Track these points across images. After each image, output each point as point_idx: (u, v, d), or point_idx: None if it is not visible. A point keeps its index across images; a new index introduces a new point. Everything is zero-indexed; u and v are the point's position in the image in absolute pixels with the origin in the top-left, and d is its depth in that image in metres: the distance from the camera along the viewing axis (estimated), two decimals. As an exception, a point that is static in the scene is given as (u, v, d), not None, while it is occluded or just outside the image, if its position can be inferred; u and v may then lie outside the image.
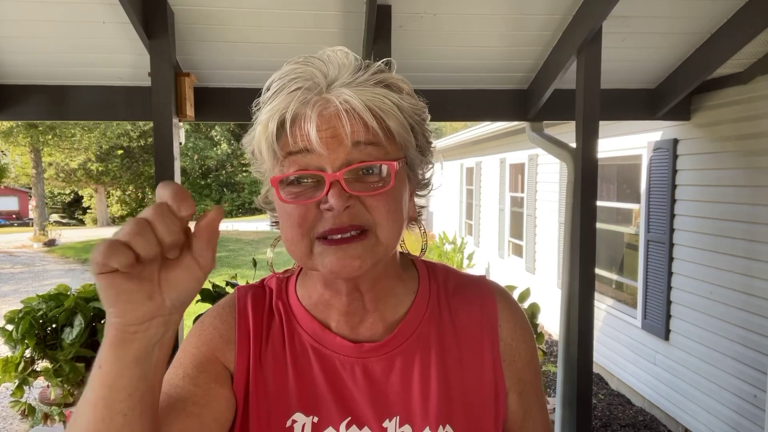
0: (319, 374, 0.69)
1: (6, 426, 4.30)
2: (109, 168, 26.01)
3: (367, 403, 0.68)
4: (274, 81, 0.65)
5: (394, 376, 0.70)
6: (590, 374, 3.04)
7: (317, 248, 0.62)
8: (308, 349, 0.71)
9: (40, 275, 11.46)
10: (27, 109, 3.28)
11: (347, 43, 3.01)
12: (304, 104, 0.61)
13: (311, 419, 0.68)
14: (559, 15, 2.87)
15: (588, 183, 2.93)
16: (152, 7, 2.68)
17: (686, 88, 3.35)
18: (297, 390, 0.69)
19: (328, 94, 0.62)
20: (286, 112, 0.61)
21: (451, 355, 0.72)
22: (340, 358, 0.70)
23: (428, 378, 0.70)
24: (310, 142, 0.60)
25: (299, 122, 0.61)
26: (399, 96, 0.65)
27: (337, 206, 0.59)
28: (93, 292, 2.68)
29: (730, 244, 3.51)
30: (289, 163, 0.63)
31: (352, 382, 0.69)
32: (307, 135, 0.60)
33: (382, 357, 0.70)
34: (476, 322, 0.74)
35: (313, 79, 0.63)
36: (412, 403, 0.69)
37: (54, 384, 2.50)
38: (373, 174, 0.63)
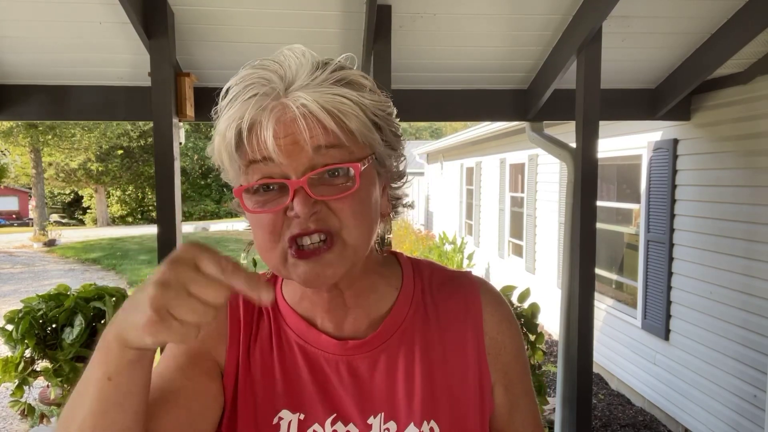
0: (305, 372, 0.70)
1: (6, 426, 4.30)
2: (109, 168, 26.01)
3: (352, 400, 0.69)
4: (231, 87, 0.63)
5: (379, 373, 0.70)
6: (590, 374, 3.04)
7: (290, 260, 0.62)
8: (294, 347, 0.71)
9: (40, 275, 11.45)
10: (27, 109, 3.28)
11: (347, 43, 3.01)
12: (261, 110, 0.60)
13: (297, 416, 0.68)
14: (559, 15, 2.87)
15: (588, 183, 2.93)
16: (152, 7, 2.68)
17: (686, 88, 3.35)
18: (284, 387, 0.69)
19: (285, 98, 0.60)
20: (242, 121, 0.60)
21: (435, 351, 0.72)
22: (326, 355, 0.70)
23: (413, 374, 0.70)
24: (269, 150, 0.59)
25: (257, 130, 0.60)
26: (360, 93, 0.63)
27: (303, 213, 0.59)
28: (93, 292, 2.68)
29: (730, 244, 3.51)
30: (252, 171, 0.61)
31: (338, 380, 0.69)
32: (265, 143, 0.59)
33: (366, 354, 0.70)
34: (461, 317, 0.74)
35: (270, 84, 0.61)
36: (396, 399, 0.69)
37: (54, 384, 2.50)
38: (339, 176, 0.61)
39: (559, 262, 5.90)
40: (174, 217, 2.92)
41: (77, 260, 13.58)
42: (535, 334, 2.91)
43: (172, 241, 2.91)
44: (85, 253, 14.50)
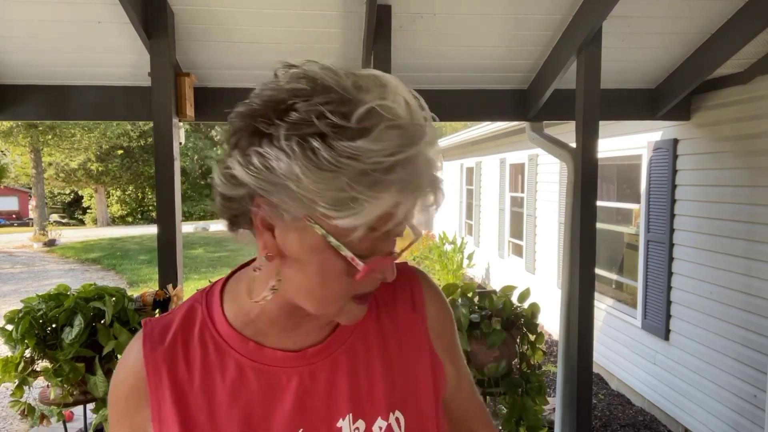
0: (261, 395, 0.67)
1: (6, 426, 4.30)
2: (109, 168, 26.01)
3: (317, 407, 0.68)
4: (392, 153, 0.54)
5: (341, 375, 0.70)
6: (590, 374, 3.04)
7: (350, 305, 0.64)
8: (247, 372, 0.68)
9: (40, 275, 11.45)
10: (27, 109, 3.28)
11: (347, 43, 3.01)
12: (419, 189, 0.58)
13: None
14: (559, 15, 2.87)
15: (588, 183, 2.93)
16: (152, 7, 2.68)
17: (686, 88, 3.35)
18: (242, 418, 0.66)
19: (429, 187, 0.59)
20: (408, 216, 0.59)
21: (390, 343, 0.74)
22: (284, 370, 0.68)
23: (373, 370, 0.71)
24: (402, 224, 0.59)
25: (408, 207, 0.58)
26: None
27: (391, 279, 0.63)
28: (93, 292, 2.68)
29: (730, 244, 3.51)
30: (375, 246, 0.60)
31: (300, 391, 0.68)
32: (411, 227, 0.61)
33: (327, 359, 0.70)
34: (409, 308, 0.77)
35: (423, 171, 0.58)
36: (360, 397, 0.70)
37: (54, 384, 2.50)
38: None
39: (559, 262, 5.90)
40: (174, 217, 2.92)
41: (77, 260, 13.58)
42: (535, 334, 2.91)
43: (172, 241, 2.91)
44: (85, 253, 14.50)
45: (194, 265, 12.10)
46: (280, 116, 0.55)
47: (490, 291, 3.05)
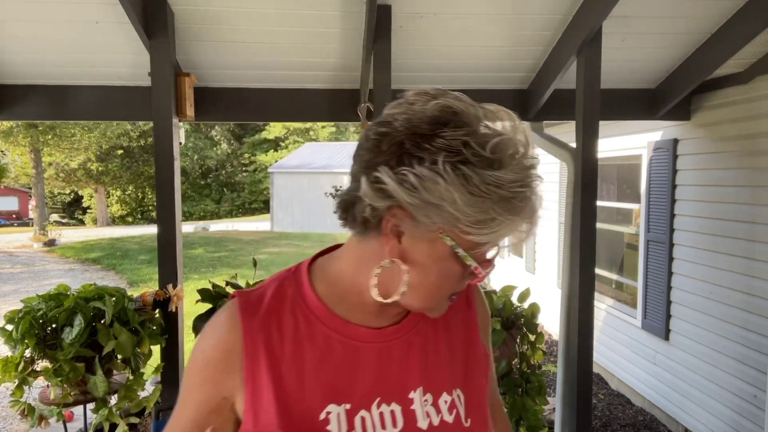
0: (344, 364, 0.75)
1: (6, 426, 4.30)
2: (109, 168, 26.01)
3: (392, 380, 0.76)
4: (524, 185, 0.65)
5: (413, 352, 0.79)
6: (590, 374, 3.04)
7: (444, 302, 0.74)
8: (332, 342, 0.75)
9: (40, 275, 11.45)
10: (27, 109, 3.28)
11: (347, 43, 3.01)
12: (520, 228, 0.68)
13: (343, 407, 0.73)
14: (559, 15, 2.87)
15: (588, 183, 2.93)
16: (152, 7, 2.68)
17: (686, 88, 3.35)
18: (325, 383, 0.73)
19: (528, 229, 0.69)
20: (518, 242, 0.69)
21: (452, 330, 0.84)
22: (366, 345, 0.76)
23: (439, 351, 0.81)
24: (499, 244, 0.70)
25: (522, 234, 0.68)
26: None
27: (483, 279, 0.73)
28: (93, 292, 2.68)
29: (731, 244, 3.51)
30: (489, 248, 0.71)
31: (377, 365, 0.76)
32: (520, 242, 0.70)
33: (402, 338, 0.79)
34: (464, 303, 0.88)
35: (538, 200, 0.68)
36: (429, 373, 0.79)
37: (54, 384, 2.50)
38: None
39: (559, 262, 5.90)
40: (174, 217, 2.92)
41: (77, 260, 13.58)
42: (535, 334, 2.91)
43: (172, 241, 2.91)
44: (85, 253, 14.50)
45: (194, 265, 12.10)
46: (427, 141, 0.63)
47: (490, 291, 3.05)
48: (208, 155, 30.43)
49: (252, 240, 16.96)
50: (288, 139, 30.47)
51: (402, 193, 0.63)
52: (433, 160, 0.62)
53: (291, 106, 3.43)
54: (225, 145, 31.74)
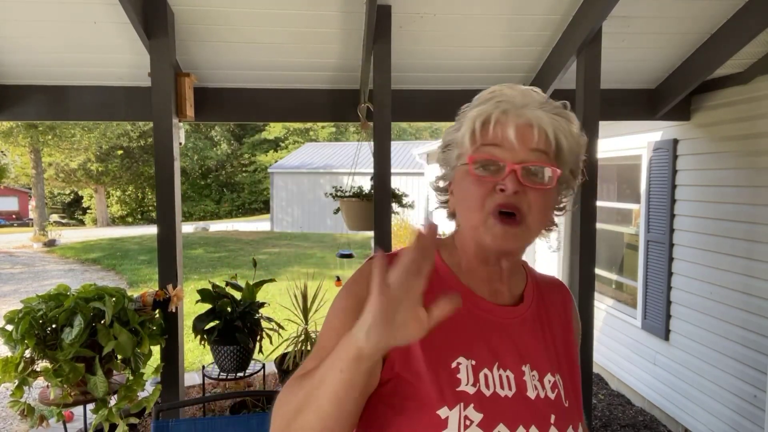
0: (473, 327, 0.86)
1: (6, 426, 4.30)
2: (109, 168, 25.99)
3: (509, 352, 0.87)
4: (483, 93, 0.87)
5: (524, 334, 0.90)
6: (590, 374, 3.04)
7: (490, 221, 0.82)
8: (463, 310, 0.85)
9: (40, 275, 11.45)
10: (27, 109, 3.28)
11: (347, 43, 3.01)
12: (505, 113, 0.83)
13: (470, 362, 0.83)
14: (559, 15, 2.87)
15: (588, 183, 2.93)
16: (152, 7, 2.68)
17: (686, 88, 3.35)
18: (458, 338, 0.84)
19: (524, 110, 0.83)
20: (492, 115, 0.83)
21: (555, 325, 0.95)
22: (487, 316, 0.88)
23: (544, 337, 0.92)
24: (504, 138, 0.82)
25: (499, 125, 0.82)
26: (571, 125, 0.86)
27: (510, 189, 0.80)
28: (93, 293, 2.68)
29: (731, 244, 3.51)
30: (482, 151, 0.83)
31: (498, 336, 0.87)
32: (503, 134, 0.82)
33: (517, 319, 0.90)
34: (561, 311, 0.99)
35: (513, 100, 0.84)
36: (537, 354, 0.89)
37: (54, 384, 2.50)
38: (539, 177, 0.82)
39: (559, 262, 5.90)
40: (174, 217, 2.92)
41: (77, 260, 13.58)
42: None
43: (172, 241, 2.91)
44: (85, 253, 14.49)
45: (194, 265, 12.10)
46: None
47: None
48: (208, 155, 30.43)
49: (252, 240, 16.95)
50: (288, 140, 30.46)
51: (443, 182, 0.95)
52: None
53: (291, 106, 3.43)
54: (225, 145, 31.74)
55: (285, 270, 11.18)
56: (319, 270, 11.13)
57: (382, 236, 3.00)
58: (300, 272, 10.42)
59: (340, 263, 11.35)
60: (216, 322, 3.42)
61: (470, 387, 0.81)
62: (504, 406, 0.81)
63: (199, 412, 4.18)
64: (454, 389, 0.80)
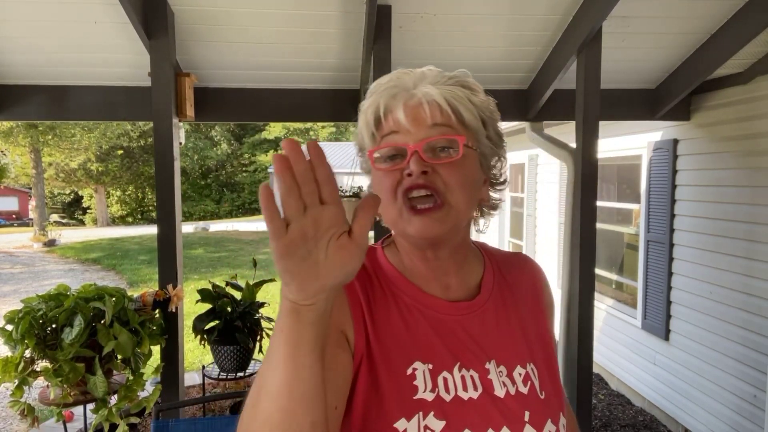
0: (426, 328, 0.81)
1: (6, 426, 4.30)
2: (109, 168, 25.99)
3: (469, 350, 0.81)
4: (372, 85, 0.82)
5: (486, 328, 0.84)
6: (590, 374, 3.04)
7: (405, 214, 0.77)
8: (411, 309, 0.82)
9: (40, 275, 11.45)
10: (27, 109, 3.28)
11: (347, 42, 3.01)
12: (393, 98, 0.78)
13: (427, 366, 0.78)
14: (559, 15, 2.87)
15: (588, 183, 2.93)
16: (152, 7, 2.68)
17: (686, 88, 3.35)
18: (411, 342, 0.79)
19: (414, 90, 0.78)
20: (379, 105, 0.78)
21: (522, 311, 0.89)
22: (441, 315, 0.82)
23: (510, 327, 0.86)
24: (398, 123, 0.77)
25: (390, 112, 0.78)
26: (471, 92, 0.81)
27: (415, 170, 0.75)
28: (93, 292, 2.68)
29: (730, 244, 3.51)
30: (384, 143, 0.79)
31: (454, 334, 0.81)
32: (396, 119, 0.77)
33: (475, 313, 0.84)
34: (530, 289, 0.93)
35: (403, 84, 0.79)
36: (502, 348, 0.83)
37: (54, 384, 2.50)
38: (445, 151, 0.77)
39: (559, 262, 5.90)
40: (174, 217, 2.92)
41: (77, 260, 13.58)
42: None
43: (172, 241, 2.91)
44: (85, 253, 14.49)
45: (194, 265, 12.10)
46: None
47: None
48: (208, 155, 30.42)
49: (252, 240, 16.95)
50: (288, 139, 30.39)
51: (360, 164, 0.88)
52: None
53: (291, 106, 3.43)
54: (225, 145, 31.72)
55: (285, 270, 11.15)
56: (319, 270, 11.10)
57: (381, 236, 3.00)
58: (300, 272, 10.37)
59: (340, 263, 11.31)
60: (216, 322, 3.42)
61: (428, 393, 0.76)
62: (469, 410, 0.76)
63: (199, 412, 4.18)
64: (411, 398, 0.75)
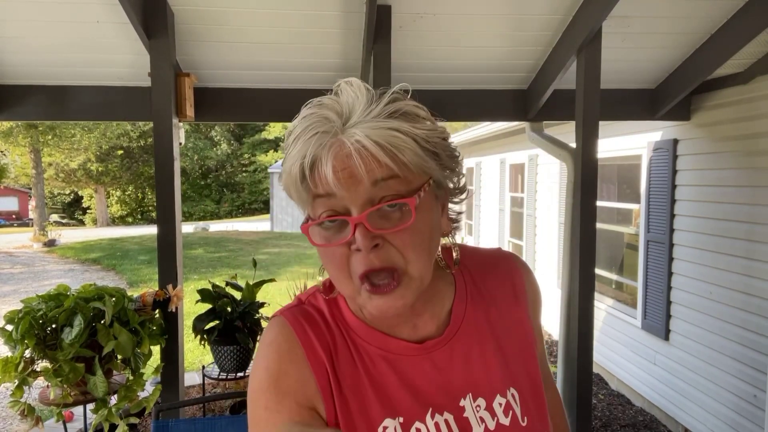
0: (392, 378, 0.74)
1: (6, 426, 4.30)
2: (109, 168, 26.00)
3: (441, 391, 0.74)
4: (294, 127, 0.67)
5: (458, 361, 0.76)
6: (590, 374, 3.04)
7: (363, 293, 0.67)
8: (376, 358, 0.75)
9: (40, 275, 11.45)
10: (27, 109, 3.28)
11: (347, 43, 3.01)
12: (321, 148, 0.63)
13: (398, 420, 0.72)
14: (559, 15, 2.87)
15: (588, 183, 2.93)
16: (152, 7, 2.68)
17: (686, 88, 3.35)
18: (377, 398, 0.73)
19: (342, 135, 0.63)
20: (305, 159, 0.64)
21: (498, 325, 0.81)
22: (409, 358, 0.75)
23: (486, 352, 0.78)
24: (330, 185, 0.63)
25: (318, 166, 0.63)
26: (412, 125, 0.66)
27: (364, 246, 0.63)
28: (93, 293, 2.68)
29: (730, 244, 3.51)
30: (317, 205, 0.66)
31: (424, 377, 0.75)
32: (326, 178, 0.62)
33: (445, 348, 0.76)
34: (510, 295, 0.84)
35: (329, 122, 0.65)
36: (477, 378, 0.76)
37: (54, 384, 2.50)
38: (395, 214, 0.65)
39: (559, 262, 5.90)
40: (174, 217, 2.92)
41: (77, 260, 13.58)
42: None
43: (172, 241, 2.91)
44: (85, 253, 14.49)
45: (194, 265, 12.10)
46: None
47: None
48: (208, 155, 30.43)
49: (252, 240, 16.95)
50: (288, 140, 30.42)
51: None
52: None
53: (291, 106, 3.40)
54: (225, 145, 31.73)
55: (285, 270, 11.18)
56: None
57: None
58: (300, 272, 10.41)
59: (340, 263, 11.32)
60: (216, 322, 3.42)
61: None
62: None
63: (199, 412, 4.18)
64: None
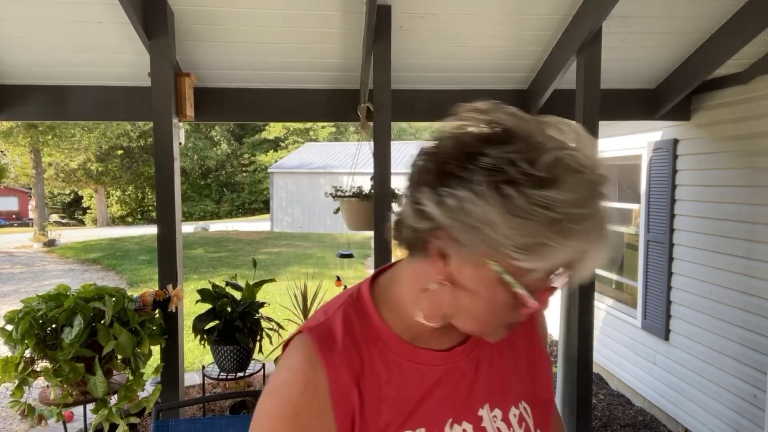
0: (417, 389, 0.75)
1: (6, 426, 4.30)
2: (109, 168, 25.99)
3: (461, 400, 0.77)
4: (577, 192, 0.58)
5: (480, 371, 0.79)
6: (590, 374, 3.04)
7: (501, 330, 0.71)
8: (404, 370, 0.75)
9: (40, 275, 11.45)
10: (27, 109, 3.28)
11: (347, 43, 3.01)
12: (598, 248, 0.61)
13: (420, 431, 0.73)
14: (559, 15, 2.87)
15: (588, 183, 2.93)
16: (152, 7, 2.68)
17: (686, 88, 3.35)
18: (400, 411, 0.73)
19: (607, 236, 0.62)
20: (586, 252, 0.61)
21: (516, 343, 0.84)
22: (435, 368, 0.76)
23: (505, 366, 0.81)
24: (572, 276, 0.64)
25: (585, 260, 0.62)
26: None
27: (546, 307, 0.68)
28: (93, 292, 2.68)
29: (730, 244, 3.51)
30: (542, 284, 0.64)
31: (447, 386, 0.76)
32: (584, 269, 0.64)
33: (468, 356, 0.79)
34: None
35: (604, 222, 0.61)
36: (495, 389, 0.79)
37: (54, 384, 2.50)
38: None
39: (559, 262, 5.89)
40: (174, 217, 2.92)
41: (77, 260, 13.57)
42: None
43: (172, 241, 2.91)
44: (85, 253, 14.49)
45: (194, 265, 12.10)
46: (470, 160, 0.60)
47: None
48: (208, 155, 30.43)
49: (252, 240, 16.95)
50: (288, 139, 30.46)
51: (441, 215, 0.61)
52: (474, 180, 0.58)
53: (291, 106, 3.43)
54: (225, 145, 31.73)
55: (285, 270, 11.18)
56: (319, 270, 11.12)
57: (381, 236, 3.00)
58: (300, 272, 10.41)
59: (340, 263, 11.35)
60: (216, 322, 3.42)
61: None
62: None
63: (199, 412, 4.18)
64: None
